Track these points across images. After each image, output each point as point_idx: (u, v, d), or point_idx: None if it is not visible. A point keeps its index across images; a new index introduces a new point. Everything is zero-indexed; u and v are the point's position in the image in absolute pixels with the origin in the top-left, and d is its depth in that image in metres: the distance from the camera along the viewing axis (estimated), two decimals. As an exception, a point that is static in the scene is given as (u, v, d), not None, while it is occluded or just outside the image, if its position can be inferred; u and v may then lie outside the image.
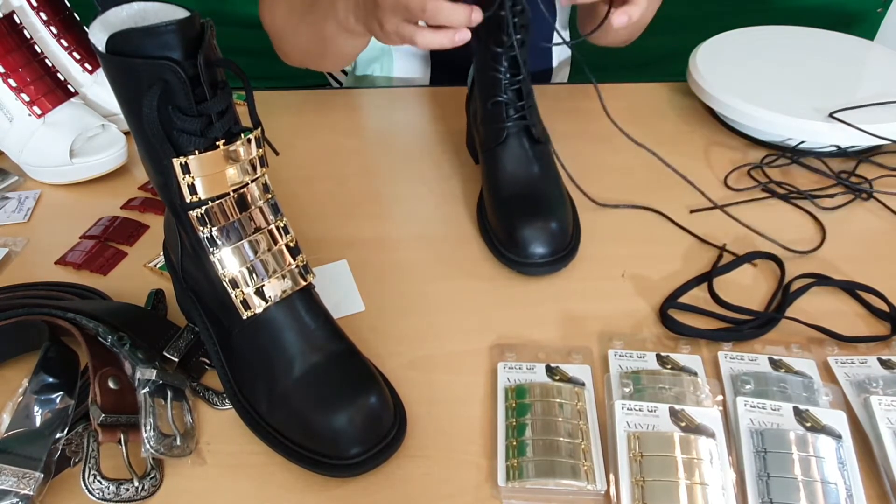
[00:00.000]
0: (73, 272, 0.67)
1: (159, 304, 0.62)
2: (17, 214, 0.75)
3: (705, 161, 0.80)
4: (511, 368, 0.55)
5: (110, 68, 0.44)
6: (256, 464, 0.50)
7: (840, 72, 0.85)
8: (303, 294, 0.51)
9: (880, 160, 0.78)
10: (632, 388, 0.52)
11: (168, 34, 0.41)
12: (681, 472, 0.46)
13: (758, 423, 0.49)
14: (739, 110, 0.79)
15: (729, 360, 0.55)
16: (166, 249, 0.57)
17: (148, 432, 0.48)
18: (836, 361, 0.55)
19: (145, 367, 0.52)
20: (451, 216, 0.73)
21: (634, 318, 0.60)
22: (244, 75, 0.46)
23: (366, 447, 0.47)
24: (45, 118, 0.77)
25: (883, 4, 1.48)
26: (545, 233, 0.63)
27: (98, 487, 0.46)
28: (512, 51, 0.65)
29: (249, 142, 0.47)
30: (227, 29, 1.38)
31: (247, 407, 0.51)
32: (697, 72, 0.86)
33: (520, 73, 0.67)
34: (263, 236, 0.50)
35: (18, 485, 0.45)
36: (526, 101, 0.68)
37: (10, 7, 0.77)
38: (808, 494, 0.45)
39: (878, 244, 0.68)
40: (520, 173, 0.67)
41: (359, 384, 0.49)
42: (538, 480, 0.47)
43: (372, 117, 0.91)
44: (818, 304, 0.61)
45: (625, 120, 0.86)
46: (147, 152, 0.47)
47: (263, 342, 0.50)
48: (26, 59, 0.77)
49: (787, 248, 0.66)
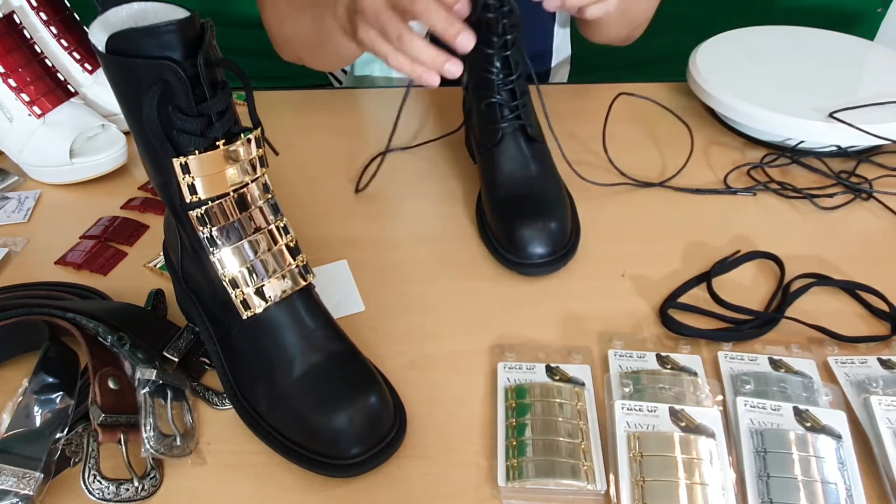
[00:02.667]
0: (73, 272, 0.67)
1: (159, 304, 0.62)
2: (17, 214, 0.75)
3: (705, 161, 0.80)
4: (511, 368, 0.55)
5: (110, 68, 0.44)
6: (256, 464, 0.50)
7: (840, 72, 0.85)
8: (303, 294, 0.51)
9: (880, 160, 0.77)
10: (632, 388, 0.52)
11: (168, 34, 0.41)
12: (681, 472, 0.46)
13: (758, 423, 0.49)
14: (739, 110, 0.79)
15: (729, 360, 0.55)
16: (166, 249, 0.57)
17: (148, 432, 0.48)
18: (836, 361, 0.55)
19: (145, 367, 0.52)
20: (451, 216, 0.73)
21: (634, 318, 0.60)
22: (244, 75, 0.46)
23: (366, 447, 0.47)
24: (45, 118, 0.77)
25: (883, 4, 1.48)
26: (544, 233, 0.63)
27: (98, 487, 0.46)
28: (504, 51, 0.65)
29: (249, 142, 0.47)
30: (227, 29, 1.38)
31: (247, 407, 0.51)
32: (697, 72, 0.85)
33: (512, 73, 0.67)
34: (263, 236, 0.50)
35: (18, 485, 0.45)
36: (520, 101, 0.67)
37: (10, 7, 0.77)
38: (808, 494, 0.45)
39: (878, 244, 0.68)
40: (517, 173, 0.67)
41: (359, 384, 0.49)
42: (538, 480, 0.47)
43: (372, 117, 0.91)
44: (818, 304, 0.61)
45: (625, 120, 0.87)
46: (147, 152, 0.47)
47: (263, 342, 0.50)
48: (26, 59, 0.77)
49: (787, 248, 0.66)
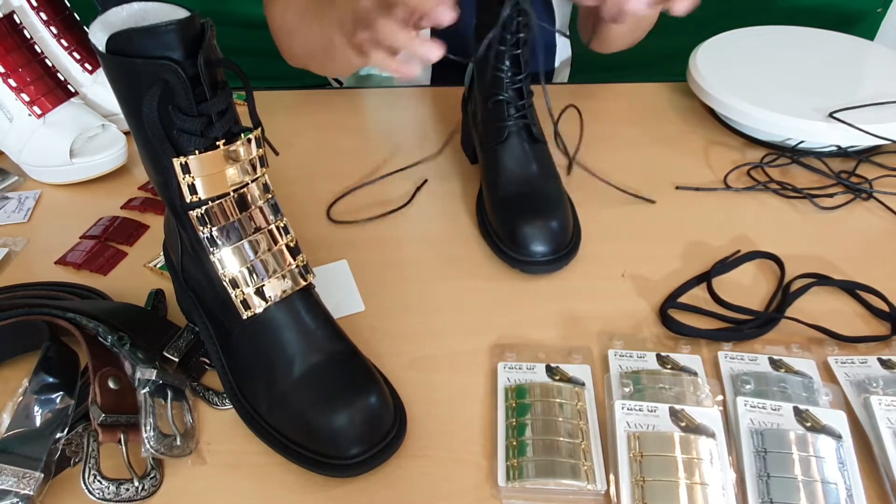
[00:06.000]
0: (73, 272, 0.67)
1: (159, 304, 0.62)
2: (17, 214, 0.75)
3: (705, 161, 0.80)
4: (511, 368, 0.55)
5: (110, 68, 0.44)
6: (256, 464, 0.50)
7: (840, 72, 0.85)
8: (303, 294, 0.51)
9: (880, 160, 0.78)
10: (632, 388, 0.52)
11: (168, 34, 0.41)
12: (681, 472, 0.46)
13: (758, 423, 0.49)
14: (739, 110, 0.79)
15: (729, 360, 0.55)
16: (166, 249, 0.57)
17: (148, 432, 0.48)
18: (836, 361, 0.55)
19: (145, 367, 0.52)
20: (451, 215, 0.73)
21: (634, 317, 0.60)
22: (244, 75, 0.46)
23: (366, 447, 0.47)
24: (45, 118, 0.77)
25: (883, 4, 1.48)
26: (546, 231, 0.63)
27: (98, 487, 0.46)
28: (515, 49, 0.66)
29: (249, 142, 0.47)
30: (227, 29, 1.38)
31: (247, 407, 0.51)
32: (697, 72, 0.86)
33: (521, 72, 0.67)
34: (263, 236, 0.50)
35: (18, 485, 0.45)
36: (526, 101, 0.68)
37: (10, 7, 0.77)
38: (808, 494, 0.45)
39: (878, 244, 0.68)
40: (520, 172, 0.67)
41: (359, 384, 0.49)
42: (538, 480, 0.47)
43: (372, 117, 0.91)
44: (818, 304, 0.61)
45: (625, 120, 0.87)
46: (147, 152, 0.47)
47: (263, 342, 0.50)
48: (26, 59, 0.77)
49: (787, 248, 0.66)
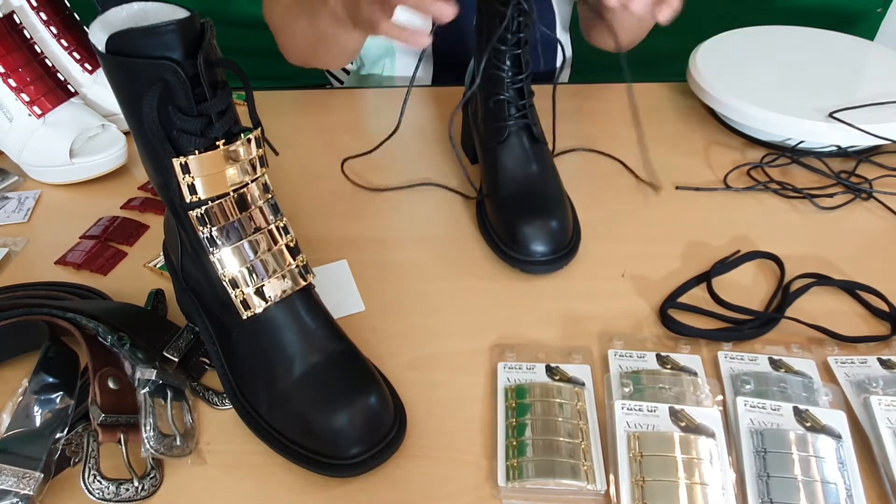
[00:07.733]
0: (73, 272, 0.67)
1: (159, 304, 0.62)
2: (17, 214, 0.75)
3: (705, 161, 0.80)
4: (511, 368, 0.55)
5: (110, 68, 0.44)
6: (256, 464, 0.50)
7: (840, 72, 0.85)
8: (303, 294, 0.51)
9: (880, 160, 0.77)
10: (632, 388, 0.52)
11: (168, 34, 0.41)
12: (681, 472, 0.46)
13: (758, 423, 0.49)
14: (739, 110, 0.79)
15: (729, 360, 0.55)
16: (166, 249, 0.57)
17: (148, 432, 0.48)
18: (836, 361, 0.55)
19: (145, 367, 0.52)
20: (451, 215, 0.73)
21: (634, 318, 0.60)
22: (244, 75, 0.46)
23: (366, 447, 0.47)
24: (45, 118, 0.77)
25: (883, 4, 1.48)
26: (546, 231, 0.63)
27: (98, 487, 0.46)
28: (515, 49, 0.66)
29: (249, 142, 0.47)
30: (227, 29, 1.38)
31: (247, 407, 0.51)
32: (697, 72, 0.85)
33: (522, 71, 0.67)
34: (263, 236, 0.50)
35: (18, 485, 0.45)
36: (527, 101, 0.68)
37: (10, 7, 0.77)
38: (808, 494, 0.45)
39: (878, 244, 0.68)
40: (520, 172, 0.67)
41: (359, 384, 0.49)
42: (538, 480, 0.47)
43: (372, 117, 0.91)
44: (818, 304, 0.61)
45: (625, 120, 0.87)
46: (147, 152, 0.47)
47: (263, 342, 0.50)
48: (26, 59, 0.77)
49: (787, 248, 0.66)
